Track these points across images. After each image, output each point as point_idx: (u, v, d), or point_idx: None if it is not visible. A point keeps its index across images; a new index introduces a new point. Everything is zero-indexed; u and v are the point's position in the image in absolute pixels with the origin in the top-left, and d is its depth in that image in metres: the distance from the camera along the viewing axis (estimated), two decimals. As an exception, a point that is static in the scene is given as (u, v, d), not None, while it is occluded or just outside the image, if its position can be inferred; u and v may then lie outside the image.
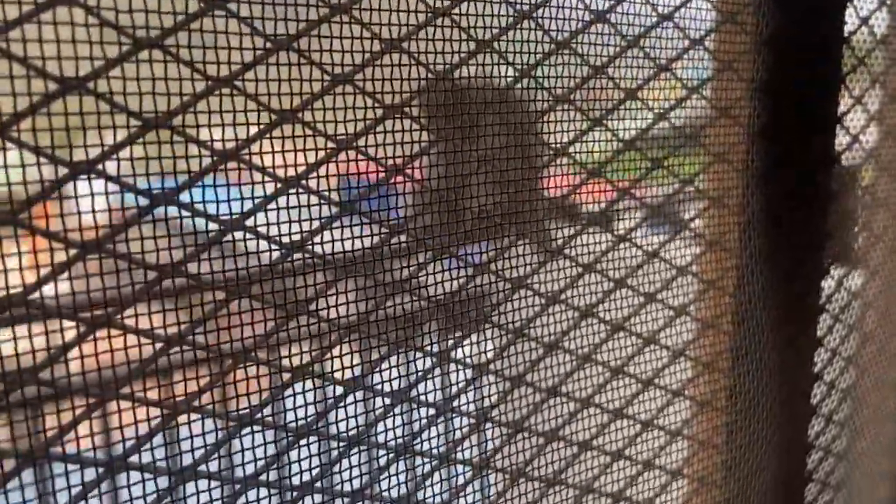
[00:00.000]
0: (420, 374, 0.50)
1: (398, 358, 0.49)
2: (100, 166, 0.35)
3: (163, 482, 0.42)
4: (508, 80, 0.50)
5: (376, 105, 0.44)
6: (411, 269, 0.49)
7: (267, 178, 0.42)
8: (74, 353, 0.37)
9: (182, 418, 0.41)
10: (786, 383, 0.73)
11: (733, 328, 0.66)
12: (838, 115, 0.74)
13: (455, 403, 0.52)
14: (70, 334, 0.36)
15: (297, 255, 0.43)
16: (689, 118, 0.62)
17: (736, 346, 0.66)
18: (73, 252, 0.35)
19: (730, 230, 0.65)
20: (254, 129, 0.40)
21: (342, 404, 0.47)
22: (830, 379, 0.80)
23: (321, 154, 0.43)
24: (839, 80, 0.72)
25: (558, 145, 0.54)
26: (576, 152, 0.55)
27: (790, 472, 0.78)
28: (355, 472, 0.47)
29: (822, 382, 0.79)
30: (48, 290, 0.36)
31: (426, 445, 0.51)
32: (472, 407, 0.54)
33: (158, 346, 0.39)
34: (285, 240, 0.43)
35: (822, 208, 0.73)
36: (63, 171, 0.34)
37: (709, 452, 0.66)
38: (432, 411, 0.52)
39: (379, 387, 0.48)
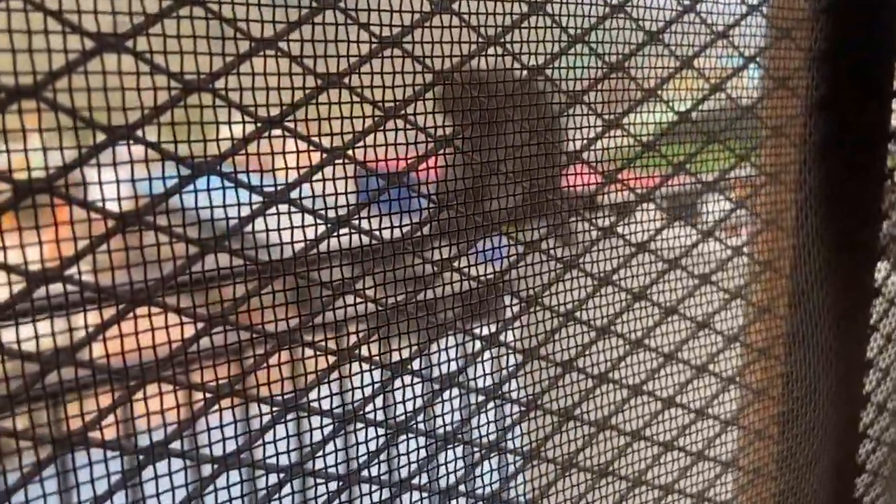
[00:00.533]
0: (469, 357, 0.48)
1: (446, 341, 0.47)
2: (139, 132, 0.33)
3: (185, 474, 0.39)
4: (562, 44, 0.47)
5: (426, 70, 0.41)
6: (460, 247, 0.46)
7: (312, 149, 0.39)
8: (110, 334, 0.34)
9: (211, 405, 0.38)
10: (841, 369, 0.70)
11: (790, 312, 0.63)
12: (895, 88, 0.71)
13: (503, 389, 0.50)
14: (104, 314, 0.34)
15: (331, 239, 0.41)
16: (745, 89, 0.59)
17: (792, 330, 0.63)
18: (111, 223, 0.33)
19: (787, 208, 0.62)
20: (298, 96, 0.38)
21: (388, 389, 0.44)
22: (884, 366, 0.77)
23: (367, 123, 0.41)
24: (897, 52, 0.69)
25: (611, 116, 0.51)
26: (629, 124, 0.52)
27: (842, 462, 0.75)
28: (403, 460, 0.45)
29: (877, 369, 0.75)
30: (82, 267, 0.33)
31: (474, 433, 0.49)
32: (520, 393, 0.51)
33: (200, 325, 0.36)
34: (327, 215, 0.40)
35: (880, 186, 0.70)
36: (101, 136, 0.32)
37: (764, 443, 0.63)
38: (480, 398, 0.49)
39: (427, 371, 0.46)
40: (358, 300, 0.42)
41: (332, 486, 0.42)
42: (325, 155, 0.39)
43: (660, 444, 0.59)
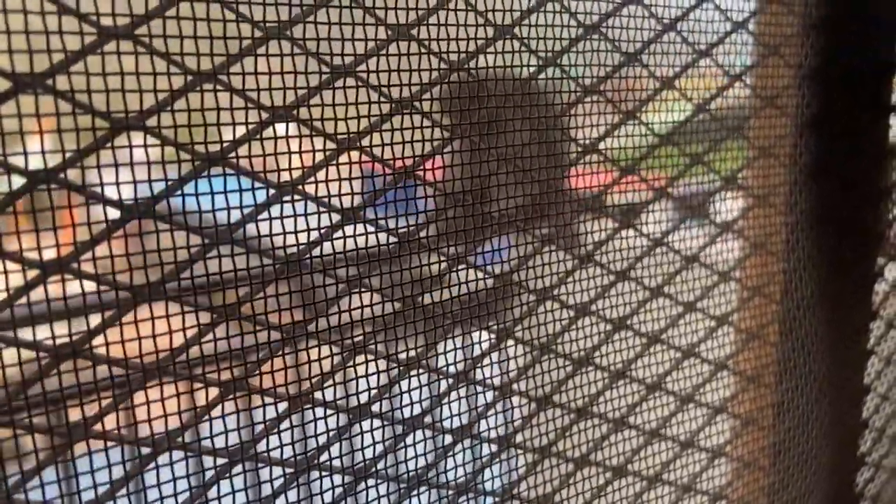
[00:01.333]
0: (435, 397, 0.45)
1: (411, 381, 0.44)
2: (61, 175, 0.31)
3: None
4: (531, 69, 0.44)
5: (382, 100, 0.39)
6: (427, 275, 0.44)
7: (263, 183, 0.37)
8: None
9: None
10: (835, 397, 0.67)
11: (780, 339, 0.60)
12: (893, 103, 0.68)
13: (475, 429, 0.47)
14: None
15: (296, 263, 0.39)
16: (732, 108, 0.56)
17: (783, 358, 0.60)
18: (32, 273, 0.30)
19: (776, 231, 0.59)
20: (245, 128, 0.36)
21: (351, 434, 0.42)
22: (883, 391, 0.74)
23: (321, 155, 0.38)
24: (894, 66, 0.66)
25: (587, 141, 0.49)
26: (606, 149, 0.50)
27: (839, 490, 0.72)
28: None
29: (875, 395, 0.72)
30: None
31: (444, 477, 0.46)
32: (493, 433, 0.49)
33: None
34: (279, 252, 0.38)
35: (875, 206, 0.67)
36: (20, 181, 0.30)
37: (755, 475, 0.60)
38: (450, 438, 0.47)
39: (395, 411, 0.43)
40: (312, 342, 0.39)
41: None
42: (272, 191, 0.37)
43: (644, 479, 0.57)
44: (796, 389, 0.61)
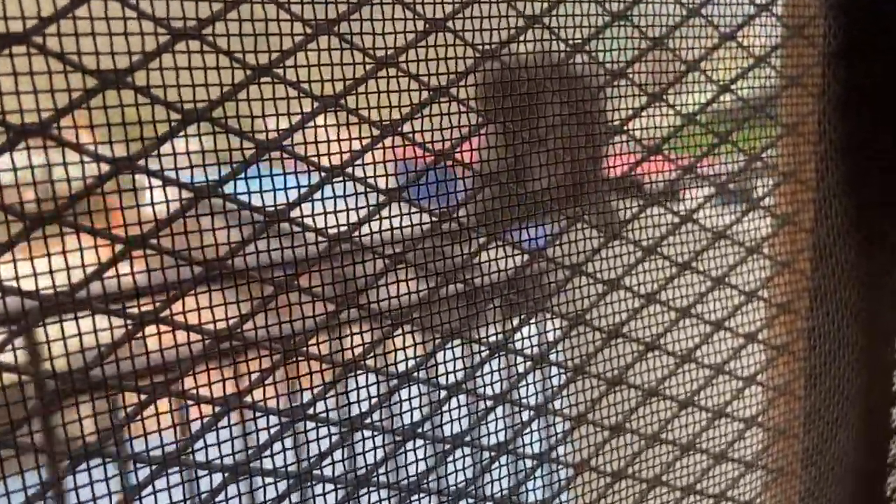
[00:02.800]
0: (474, 364, 0.48)
1: (454, 350, 0.48)
2: (141, 162, 0.35)
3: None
4: (562, 55, 0.47)
5: (422, 87, 0.42)
6: (466, 253, 0.47)
7: (313, 167, 0.40)
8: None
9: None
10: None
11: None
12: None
13: (510, 396, 0.51)
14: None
15: (345, 244, 0.42)
16: (757, 88, 0.58)
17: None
18: (118, 248, 0.35)
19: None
20: (294, 118, 0.39)
21: (405, 398, 0.46)
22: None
23: (365, 141, 0.42)
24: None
25: (616, 122, 0.52)
26: (634, 129, 0.53)
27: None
28: (423, 464, 0.46)
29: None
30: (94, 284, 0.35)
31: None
32: (531, 400, 0.52)
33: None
34: (332, 231, 0.41)
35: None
36: (105, 167, 0.34)
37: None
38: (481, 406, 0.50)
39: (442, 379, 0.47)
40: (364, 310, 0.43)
41: None
42: (323, 174, 0.41)
43: (677, 445, 0.59)
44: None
